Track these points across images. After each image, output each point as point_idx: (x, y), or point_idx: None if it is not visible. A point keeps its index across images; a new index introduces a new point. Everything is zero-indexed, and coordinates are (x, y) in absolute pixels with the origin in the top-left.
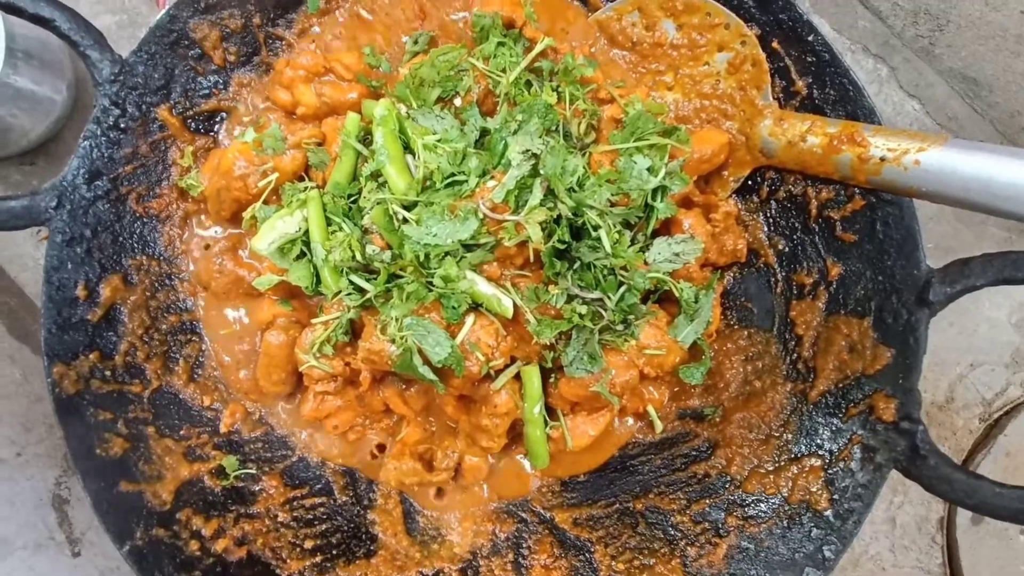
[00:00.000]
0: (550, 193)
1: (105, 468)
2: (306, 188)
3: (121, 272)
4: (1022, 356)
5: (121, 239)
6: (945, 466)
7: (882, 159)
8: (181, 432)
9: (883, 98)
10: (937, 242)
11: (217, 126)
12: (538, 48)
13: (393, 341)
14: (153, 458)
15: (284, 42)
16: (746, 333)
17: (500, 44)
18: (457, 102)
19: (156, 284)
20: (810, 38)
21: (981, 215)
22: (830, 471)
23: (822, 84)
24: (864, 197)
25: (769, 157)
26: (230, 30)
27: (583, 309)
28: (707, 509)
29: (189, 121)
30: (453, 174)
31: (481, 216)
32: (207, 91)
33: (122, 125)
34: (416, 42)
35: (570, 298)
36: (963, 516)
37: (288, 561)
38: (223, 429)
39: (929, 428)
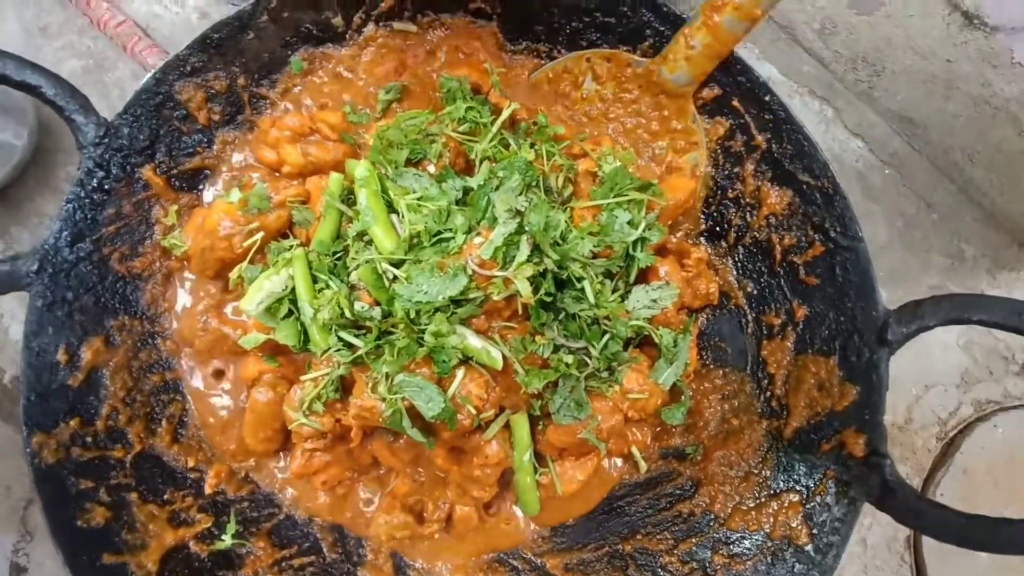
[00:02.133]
0: (535, 248)
1: (87, 540)
2: (291, 247)
3: (103, 334)
4: (971, 376)
5: (103, 300)
6: (913, 498)
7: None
8: (165, 496)
9: (830, 136)
10: (888, 271)
11: (201, 184)
12: (506, 113)
13: (384, 400)
14: (137, 526)
15: (268, 101)
16: (721, 372)
17: (469, 108)
18: (431, 169)
19: (138, 344)
20: (767, 98)
21: (926, 243)
22: (808, 506)
23: (780, 139)
24: (823, 243)
25: (690, 83)
26: (215, 91)
27: (569, 358)
28: (694, 548)
29: (173, 180)
30: (439, 232)
31: (470, 273)
32: (191, 150)
33: (106, 187)
34: (388, 92)
35: (556, 348)
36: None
37: None
38: (208, 490)
39: (891, 449)
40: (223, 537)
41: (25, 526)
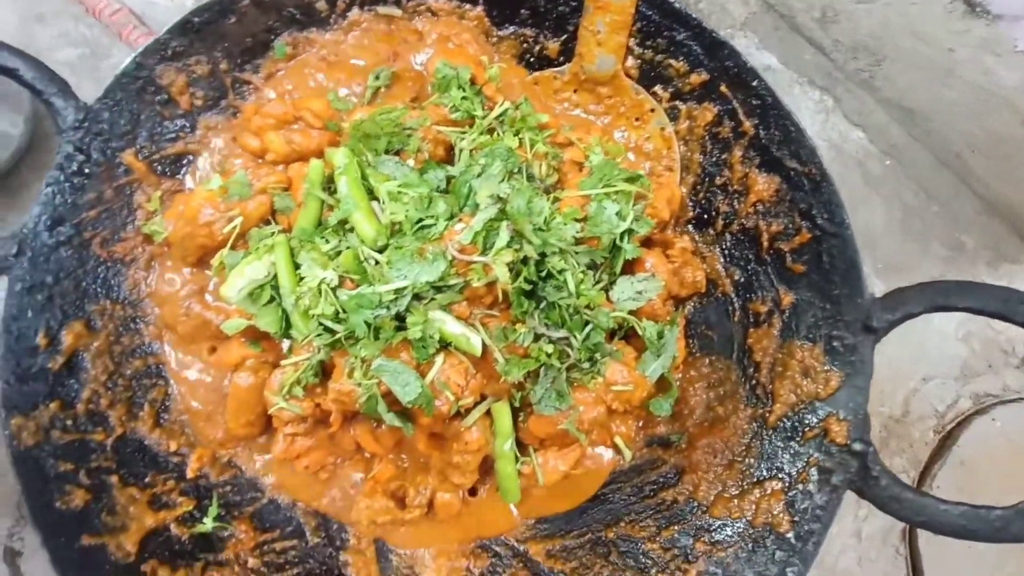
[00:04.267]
0: (516, 234)
1: (65, 522)
2: (273, 233)
3: (84, 318)
4: (970, 369)
5: (84, 284)
6: (895, 486)
7: None
8: (146, 479)
9: (830, 126)
10: (887, 262)
11: (183, 169)
12: (498, 109)
13: (360, 384)
14: (117, 508)
15: (251, 86)
16: (708, 360)
17: (463, 98)
18: (410, 163)
19: (120, 328)
20: (754, 83)
21: (926, 233)
22: (790, 493)
23: (767, 125)
24: (810, 231)
25: (614, 64)
26: (197, 75)
27: (550, 348)
28: (676, 535)
29: (155, 165)
30: (421, 219)
31: (450, 258)
32: (173, 135)
33: (86, 171)
34: (377, 77)
35: (537, 337)
36: None
37: None
38: (190, 474)
39: (887, 441)
40: (204, 520)
41: (20, 511)
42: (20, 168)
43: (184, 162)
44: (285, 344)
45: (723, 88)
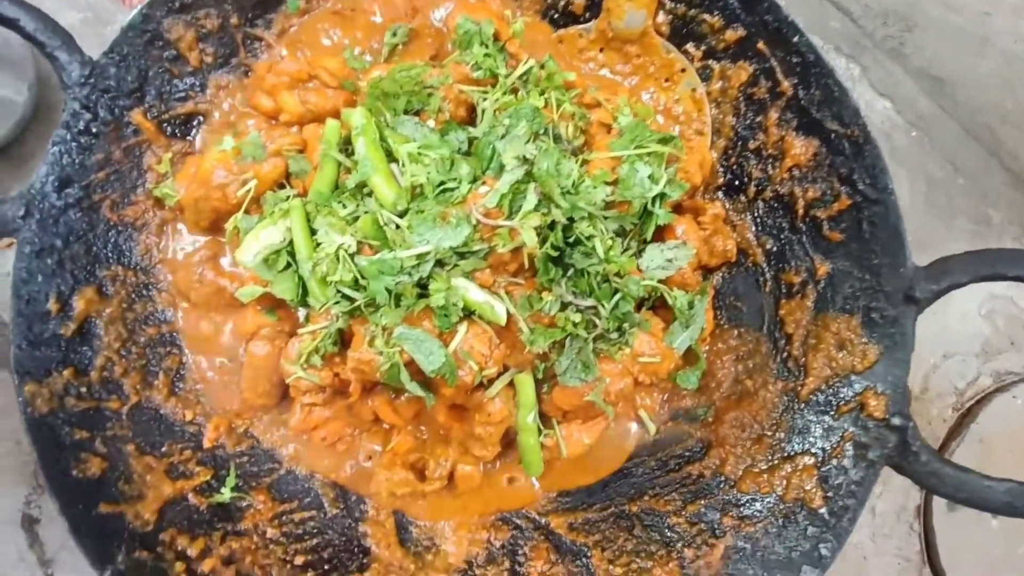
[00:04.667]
0: (544, 198)
1: (82, 490)
2: (288, 197)
3: (95, 284)
4: (992, 346)
5: (95, 249)
6: (935, 461)
7: None
8: (163, 449)
9: (856, 96)
10: (911, 236)
11: (194, 130)
12: (522, 67)
13: (381, 353)
14: (134, 477)
15: (263, 43)
16: (736, 332)
17: (486, 55)
18: (430, 123)
19: (133, 295)
20: (795, 39)
21: (951, 207)
22: (823, 469)
23: (807, 85)
24: (850, 197)
25: (644, 20)
26: (207, 30)
27: (576, 317)
28: (702, 510)
29: (165, 125)
30: (443, 182)
31: (474, 222)
32: (183, 94)
33: (93, 130)
34: (395, 34)
35: (564, 306)
36: (939, 503)
37: None
38: (207, 444)
39: None
40: (222, 490)
41: (36, 480)
42: (26, 137)
43: (195, 123)
44: (301, 313)
45: (760, 45)
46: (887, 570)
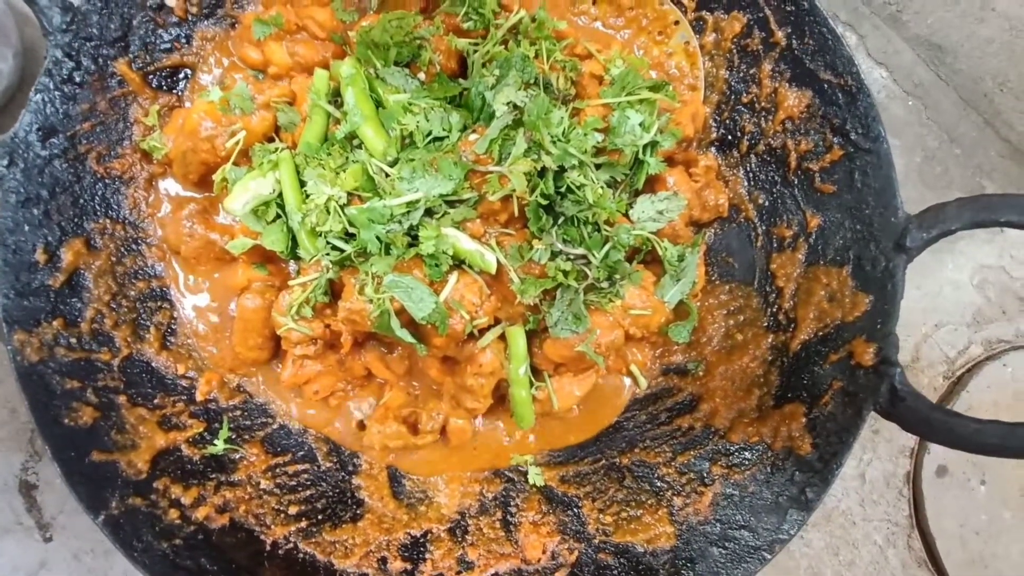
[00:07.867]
0: (534, 144)
1: (75, 437)
2: (277, 150)
3: (83, 236)
4: (983, 316)
5: (82, 201)
6: (923, 407)
7: None
8: (155, 401)
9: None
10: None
11: (181, 83)
12: (513, 18)
13: (372, 301)
14: (126, 427)
15: None
16: (727, 288)
17: (480, 4)
18: (421, 76)
19: (122, 249)
20: None
21: (946, 178)
22: (811, 416)
23: (801, 34)
24: (842, 147)
25: None
26: None
27: (567, 266)
28: (692, 460)
29: (151, 77)
30: (432, 131)
31: (464, 169)
32: (168, 45)
33: (77, 79)
34: None
35: (554, 255)
36: (928, 470)
37: (272, 527)
38: (199, 398)
39: None
40: (215, 442)
41: (32, 447)
42: (11, 108)
43: (181, 76)
44: (292, 268)
45: None
46: (877, 534)
